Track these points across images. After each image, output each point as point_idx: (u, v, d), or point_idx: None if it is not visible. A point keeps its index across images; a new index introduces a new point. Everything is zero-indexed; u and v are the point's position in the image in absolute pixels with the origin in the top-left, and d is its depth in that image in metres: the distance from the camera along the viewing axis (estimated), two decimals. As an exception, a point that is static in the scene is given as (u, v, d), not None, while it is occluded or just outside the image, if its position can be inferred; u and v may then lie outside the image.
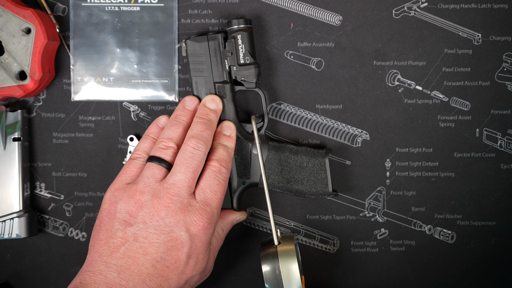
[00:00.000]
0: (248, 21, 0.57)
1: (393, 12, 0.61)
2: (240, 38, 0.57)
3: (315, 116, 0.62)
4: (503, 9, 0.61)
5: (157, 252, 0.50)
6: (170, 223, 0.51)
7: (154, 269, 0.49)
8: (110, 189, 0.54)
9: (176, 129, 0.55)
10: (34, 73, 0.57)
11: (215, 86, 0.58)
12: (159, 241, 0.50)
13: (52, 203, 0.63)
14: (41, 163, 0.63)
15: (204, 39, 0.58)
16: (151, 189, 0.52)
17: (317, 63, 0.62)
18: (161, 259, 0.50)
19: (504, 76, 0.61)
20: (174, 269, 0.50)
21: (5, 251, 0.63)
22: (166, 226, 0.50)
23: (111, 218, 0.52)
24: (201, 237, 0.51)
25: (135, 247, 0.50)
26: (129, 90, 0.62)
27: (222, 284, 0.63)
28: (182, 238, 0.50)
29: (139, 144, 0.57)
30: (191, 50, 0.58)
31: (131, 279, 0.48)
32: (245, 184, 0.59)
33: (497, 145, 0.62)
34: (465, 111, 0.62)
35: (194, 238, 0.51)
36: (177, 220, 0.51)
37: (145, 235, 0.50)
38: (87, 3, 0.61)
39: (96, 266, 0.49)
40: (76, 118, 0.62)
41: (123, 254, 0.49)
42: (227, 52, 0.57)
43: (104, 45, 0.62)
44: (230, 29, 0.57)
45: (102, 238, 0.51)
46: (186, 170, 0.52)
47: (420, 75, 0.62)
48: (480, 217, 0.62)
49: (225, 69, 0.58)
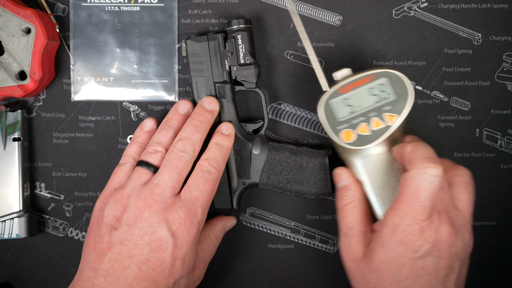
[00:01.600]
0: (248, 21, 0.57)
1: (393, 12, 0.61)
2: (240, 38, 0.57)
3: (315, 116, 0.62)
4: (503, 9, 0.61)
5: (141, 254, 0.49)
6: (153, 223, 0.50)
7: (140, 271, 0.49)
8: (100, 197, 0.54)
9: (166, 133, 0.55)
10: (34, 73, 0.57)
11: (215, 86, 0.58)
12: (143, 243, 0.50)
13: (52, 203, 0.63)
14: (41, 163, 0.63)
15: (204, 39, 0.58)
16: (136, 192, 0.52)
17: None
18: (146, 261, 0.49)
19: (504, 76, 0.61)
20: (161, 271, 0.50)
21: (5, 251, 0.63)
22: (149, 227, 0.50)
23: (99, 224, 0.52)
24: (184, 236, 0.50)
25: (120, 251, 0.50)
26: (129, 90, 0.62)
27: (222, 284, 0.63)
28: (165, 237, 0.50)
29: (126, 149, 0.57)
30: (191, 50, 0.58)
31: (117, 283, 0.48)
32: (245, 184, 0.59)
33: (497, 145, 0.62)
34: (465, 111, 0.62)
35: (177, 238, 0.50)
36: (160, 219, 0.50)
37: (129, 238, 0.50)
38: (87, 3, 0.61)
39: (85, 273, 0.50)
40: (76, 118, 0.62)
41: (110, 258, 0.49)
42: (227, 52, 0.57)
43: (104, 45, 0.62)
44: (230, 29, 0.57)
45: (91, 244, 0.51)
46: (170, 170, 0.52)
47: (420, 75, 0.62)
48: (480, 217, 0.62)
49: (225, 69, 0.58)
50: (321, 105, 0.54)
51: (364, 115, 0.53)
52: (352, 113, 0.53)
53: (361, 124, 0.53)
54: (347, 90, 0.53)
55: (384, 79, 0.52)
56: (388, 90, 0.52)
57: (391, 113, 0.52)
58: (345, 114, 0.53)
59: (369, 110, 0.53)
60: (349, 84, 0.53)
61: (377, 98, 0.52)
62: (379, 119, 0.52)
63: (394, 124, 0.52)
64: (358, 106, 0.53)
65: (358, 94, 0.52)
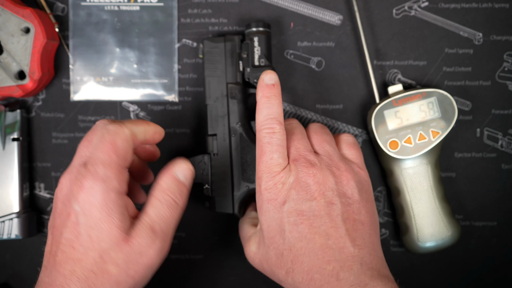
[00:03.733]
0: (267, 24, 0.57)
1: (394, 11, 0.61)
2: (256, 40, 0.57)
3: (315, 116, 0.62)
4: (504, 8, 0.61)
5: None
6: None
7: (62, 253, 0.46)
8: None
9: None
10: (33, 73, 0.57)
11: (227, 86, 0.58)
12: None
13: (51, 203, 0.63)
14: (40, 163, 0.62)
15: (221, 40, 0.58)
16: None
17: (317, 63, 0.62)
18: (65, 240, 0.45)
19: (505, 76, 0.61)
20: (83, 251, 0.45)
21: (4, 251, 0.62)
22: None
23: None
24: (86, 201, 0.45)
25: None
26: (129, 90, 0.62)
27: (222, 284, 0.63)
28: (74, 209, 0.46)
29: None
30: (207, 50, 0.58)
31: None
32: (248, 188, 0.58)
33: (498, 145, 0.62)
34: (465, 111, 0.62)
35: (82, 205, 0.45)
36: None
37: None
38: (86, 3, 0.61)
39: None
40: (75, 118, 0.62)
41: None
42: (242, 53, 0.57)
43: (103, 44, 0.61)
44: (249, 32, 0.57)
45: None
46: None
47: (420, 75, 0.62)
48: (481, 217, 0.62)
49: (239, 70, 0.58)
50: (374, 113, 0.58)
51: (411, 128, 0.57)
52: (400, 125, 0.57)
53: (408, 136, 0.57)
54: (400, 103, 0.57)
55: (433, 98, 0.57)
56: (435, 108, 0.57)
57: (435, 129, 0.57)
58: (394, 125, 0.57)
59: (416, 123, 0.57)
60: (402, 98, 0.57)
61: (424, 114, 0.57)
62: (424, 133, 0.57)
63: (436, 140, 0.57)
64: (406, 119, 0.57)
65: (409, 108, 0.57)
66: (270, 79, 0.53)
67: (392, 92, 0.59)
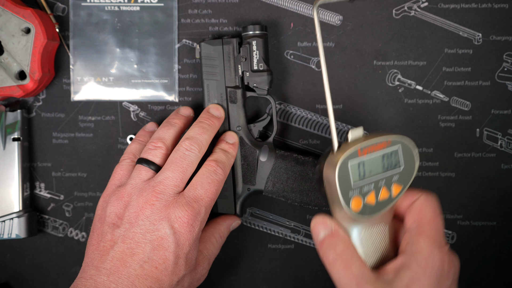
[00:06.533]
0: (264, 27, 0.57)
1: (393, 12, 0.61)
2: (255, 44, 0.57)
3: (315, 116, 0.62)
4: (503, 8, 0.61)
5: (143, 252, 0.49)
6: (155, 221, 0.50)
7: (143, 270, 0.49)
8: (103, 195, 0.54)
9: (167, 130, 0.55)
10: (34, 73, 0.57)
11: (226, 90, 0.58)
12: (145, 241, 0.49)
13: (51, 203, 0.63)
14: (40, 163, 0.62)
15: (219, 42, 0.57)
16: (137, 189, 0.51)
17: (317, 63, 0.62)
18: (148, 259, 0.49)
19: (504, 76, 0.61)
20: (163, 270, 0.49)
21: (5, 251, 0.63)
22: (151, 225, 0.50)
23: (102, 222, 0.52)
24: (185, 234, 0.50)
25: (122, 249, 0.49)
26: (129, 90, 0.62)
27: (222, 284, 0.63)
28: (167, 236, 0.49)
29: (127, 147, 0.57)
30: (204, 53, 0.58)
31: (120, 281, 0.48)
32: (249, 190, 0.58)
33: (498, 145, 0.62)
34: (465, 111, 0.62)
35: (179, 236, 0.50)
36: (162, 217, 0.50)
37: (131, 236, 0.50)
38: (86, 3, 0.61)
39: (88, 271, 0.49)
40: (76, 118, 0.62)
41: (112, 257, 0.49)
42: (241, 57, 0.57)
43: (104, 45, 0.62)
44: (246, 35, 0.57)
45: (94, 243, 0.51)
46: (174, 168, 0.51)
47: (420, 75, 0.62)
48: (480, 217, 0.62)
49: (238, 74, 0.58)
50: (337, 164, 0.46)
51: (374, 183, 0.48)
52: (363, 179, 0.47)
53: (371, 192, 0.48)
54: (365, 153, 0.47)
55: (398, 146, 0.48)
56: (399, 158, 0.48)
57: (398, 183, 0.48)
58: (357, 179, 0.47)
59: (380, 178, 0.48)
60: (368, 146, 0.47)
61: (387, 166, 0.48)
62: (386, 189, 0.48)
63: (397, 197, 0.48)
64: (369, 171, 0.47)
65: (373, 160, 0.47)
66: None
67: (353, 137, 0.47)
